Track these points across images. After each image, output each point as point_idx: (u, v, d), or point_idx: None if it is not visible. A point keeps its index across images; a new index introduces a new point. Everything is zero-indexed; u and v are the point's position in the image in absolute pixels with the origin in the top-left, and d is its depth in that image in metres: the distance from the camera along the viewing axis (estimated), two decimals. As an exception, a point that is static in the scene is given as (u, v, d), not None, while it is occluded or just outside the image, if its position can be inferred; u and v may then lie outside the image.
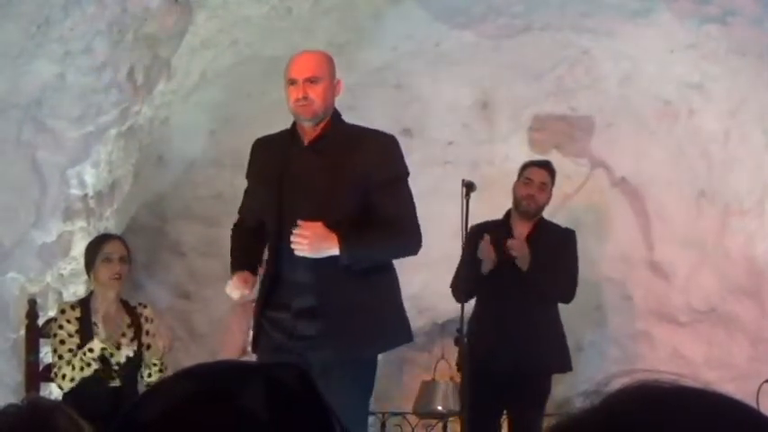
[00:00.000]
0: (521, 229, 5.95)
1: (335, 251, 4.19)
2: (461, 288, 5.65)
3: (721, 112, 6.92)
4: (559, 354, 5.91)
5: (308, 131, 4.41)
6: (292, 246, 4.17)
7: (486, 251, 5.68)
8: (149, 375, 5.22)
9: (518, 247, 5.73)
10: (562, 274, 5.85)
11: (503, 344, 5.66)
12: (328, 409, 1.15)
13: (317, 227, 4.16)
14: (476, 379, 5.31)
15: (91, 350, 5.08)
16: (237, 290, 4.39)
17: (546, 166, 6.08)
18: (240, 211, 4.73)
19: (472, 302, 5.87)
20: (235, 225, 4.72)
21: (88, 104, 5.81)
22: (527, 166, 6.09)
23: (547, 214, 6.17)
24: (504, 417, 6.06)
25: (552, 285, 5.83)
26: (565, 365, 5.97)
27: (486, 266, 5.71)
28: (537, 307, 5.80)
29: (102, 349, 5.09)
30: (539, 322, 5.80)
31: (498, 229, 5.83)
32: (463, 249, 5.53)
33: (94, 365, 5.08)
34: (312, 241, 4.15)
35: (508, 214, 6.03)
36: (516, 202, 5.99)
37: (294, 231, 4.15)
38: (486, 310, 5.84)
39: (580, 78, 7.14)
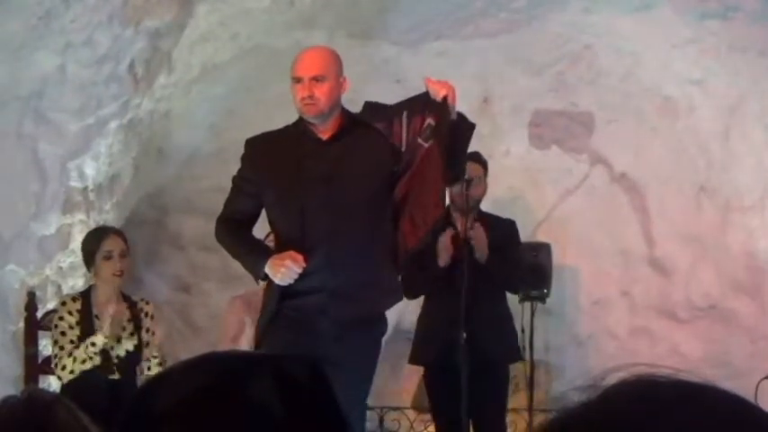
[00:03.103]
0: (460, 223, 5.86)
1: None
2: (417, 288, 5.64)
3: (722, 108, 6.91)
4: (513, 343, 5.93)
5: (322, 127, 4.46)
6: (432, 85, 4.44)
7: (445, 246, 5.63)
8: (149, 369, 5.22)
9: (479, 236, 5.67)
10: (510, 265, 5.82)
11: (459, 339, 5.54)
12: (338, 403, 1.15)
13: None
14: (438, 376, 5.33)
15: (93, 344, 5.09)
16: (298, 266, 4.37)
17: (476, 159, 5.90)
18: (227, 210, 4.65)
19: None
20: (224, 219, 4.65)
21: (89, 97, 5.81)
22: None
23: (547, 209, 6.16)
24: None
25: (505, 275, 5.80)
26: (518, 354, 5.98)
27: (444, 259, 5.64)
28: (489, 299, 5.75)
29: (105, 344, 5.09)
30: (492, 315, 5.77)
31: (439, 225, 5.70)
32: None
33: (96, 360, 5.08)
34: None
35: (448, 209, 5.85)
36: (450, 199, 5.77)
37: (431, 79, 4.46)
38: (440, 305, 5.75)
39: (581, 74, 7.14)
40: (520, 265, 5.94)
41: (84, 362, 5.08)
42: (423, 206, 4.54)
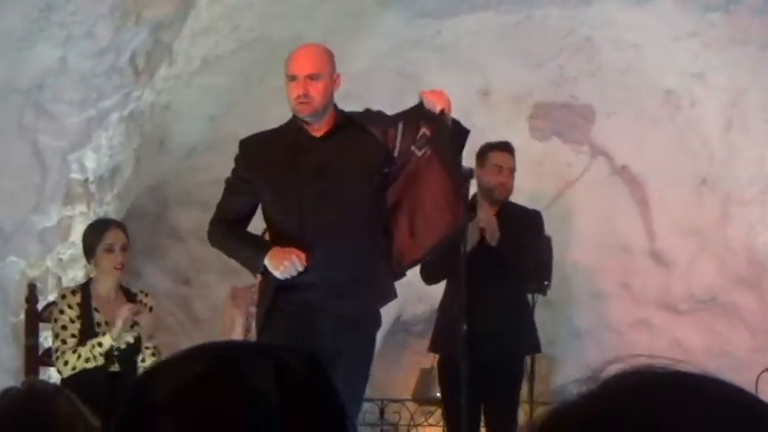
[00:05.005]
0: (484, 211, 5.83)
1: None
2: (435, 271, 5.59)
3: (723, 101, 6.91)
4: (531, 335, 5.90)
5: (317, 124, 4.48)
6: (428, 97, 4.47)
7: (488, 219, 5.59)
8: (143, 360, 5.21)
9: (487, 220, 5.63)
10: (532, 257, 5.78)
11: (479, 328, 5.50)
12: (337, 393, 1.15)
13: None
14: (452, 365, 5.33)
15: (100, 344, 5.09)
16: (301, 264, 4.39)
17: (511, 150, 5.87)
18: (220, 212, 4.66)
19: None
20: (217, 221, 4.65)
21: (89, 89, 5.81)
22: (489, 150, 5.83)
23: (548, 201, 6.15)
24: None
25: (524, 267, 5.77)
26: (536, 346, 5.95)
27: (474, 240, 5.56)
28: (511, 289, 5.74)
29: (111, 347, 5.10)
30: (513, 304, 5.76)
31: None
32: None
33: (100, 360, 5.09)
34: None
35: (474, 198, 5.74)
36: (487, 190, 5.74)
37: (425, 91, 4.51)
38: (455, 295, 5.70)
39: (582, 66, 7.14)
40: (539, 256, 5.86)
41: (87, 360, 5.09)
42: (426, 218, 4.56)
